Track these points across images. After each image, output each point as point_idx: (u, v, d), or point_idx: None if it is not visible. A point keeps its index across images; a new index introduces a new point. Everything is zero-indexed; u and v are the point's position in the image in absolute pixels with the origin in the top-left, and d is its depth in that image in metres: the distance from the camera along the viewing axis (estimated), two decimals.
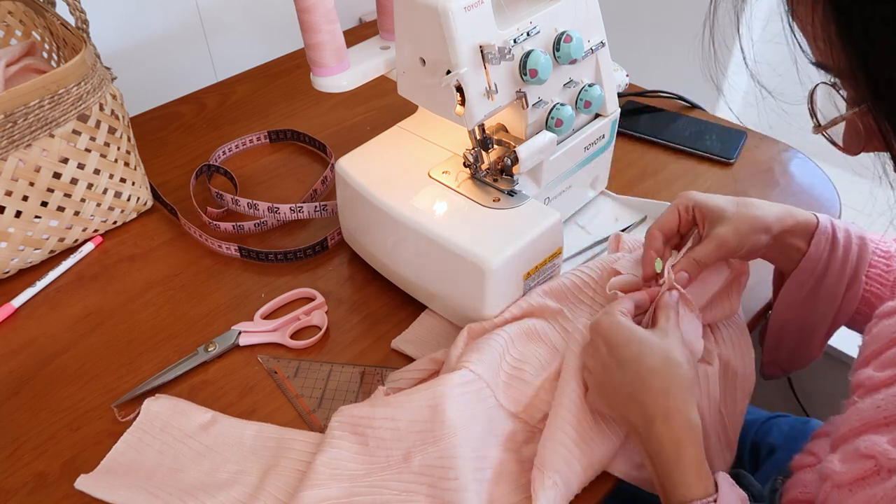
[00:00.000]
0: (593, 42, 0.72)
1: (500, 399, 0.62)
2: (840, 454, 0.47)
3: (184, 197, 0.90)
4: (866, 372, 0.50)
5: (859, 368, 0.52)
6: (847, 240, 0.63)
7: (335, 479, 0.57)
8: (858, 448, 0.45)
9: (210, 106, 1.08)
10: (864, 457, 0.44)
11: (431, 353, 0.68)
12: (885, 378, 0.48)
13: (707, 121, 1.00)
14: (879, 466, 0.43)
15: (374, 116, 1.05)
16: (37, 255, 0.80)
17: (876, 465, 0.43)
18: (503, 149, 0.72)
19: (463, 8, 0.61)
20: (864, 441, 0.45)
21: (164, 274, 0.81)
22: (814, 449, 0.61)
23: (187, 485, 0.60)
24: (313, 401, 0.67)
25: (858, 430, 0.47)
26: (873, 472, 0.43)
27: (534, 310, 0.67)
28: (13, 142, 0.70)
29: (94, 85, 0.75)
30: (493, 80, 0.65)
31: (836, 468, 0.46)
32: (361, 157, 0.76)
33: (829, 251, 0.62)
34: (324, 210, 0.86)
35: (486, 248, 0.65)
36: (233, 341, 0.72)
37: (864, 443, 0.45)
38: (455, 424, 0.59)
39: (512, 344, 0.64)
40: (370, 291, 0.78)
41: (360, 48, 0.78)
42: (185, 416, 0.65)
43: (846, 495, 0.44)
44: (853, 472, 0.44)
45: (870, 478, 0.43)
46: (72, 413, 0.67)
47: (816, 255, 0.62)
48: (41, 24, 0.87)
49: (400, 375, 0.68)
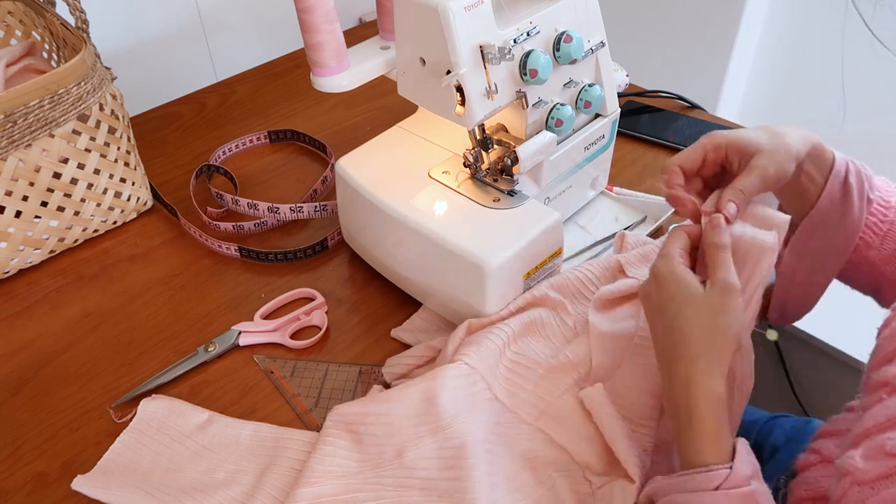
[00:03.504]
0: (593, 42, 0.72)
1: (496, 393, 0.62)
2: (863, 450, 0.46)
3: (184, 197, 0.90)
4: (892, 370, 0.49)
5: (883, 365, 0.50)
6: (860, 185, 0.60)
7: (330, 476, 0.58)
8: (884, 446, 0.44)
9: (210, 106, 1.08)
10: (890, 455, 0.44)
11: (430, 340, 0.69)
12: None
13: (707, 121, 1.00)
14: None
15: (374, 116, 1.05)
16: (37, 255, 0.80)
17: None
18: (503, 149, 0.72)
19: (463, 8, 0.61)
20: (889, 439, 0.44)
21: (164, 274, 0.81)
22: (819, 448, 0.61)
23: (184, 485, 0.60)
24: (310, 400, 0.67)
25: (884, 426, 0.46)
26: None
27: (535, 300, 0.67)
28: (13, 142, 0.70)
29: (94, 85, 0.75)
30: (493, 80, 0.65)
31: (859, 465, 0.45)
32: (361, 157, 0.76)
33: (841, 195, 0.60)
34: (324, 210, 0.86)
35: (486, 248, 0.65)
36: (233, 341, 0.72)
37: (889, 440, 0.44)
38: (450, 416, 0.59)
39: (513, 338, 0.65)
40: (370, 291, 0.78)
41: (360, 48, 0.78)
42: (182, 416, 0.65)
43: (868, 493, 0.43)
44: (877, 469, 0.44)
45: (894, 476, 0.43)
46: (72, 413, 0.67)
47: (829, 199, 0.59)
48: (41, 24, 0.87)
49: (397, 361, 0.69)
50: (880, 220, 0.61)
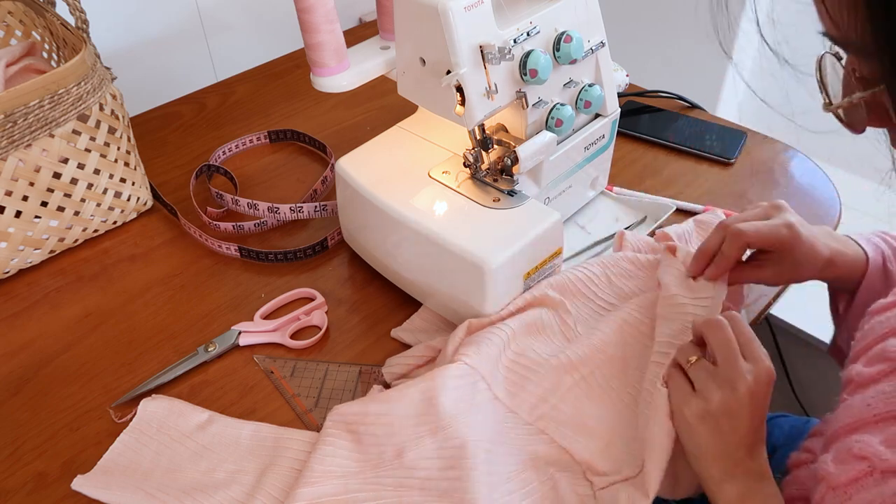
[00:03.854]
0: (593, 42, 0.72)
1: (496, 393, 0.62)
2: (833, 454, 0.47)
3: (184, 197, 0.90)
4: (856, 368, 0.50)
5: (849, 364, 0.51)
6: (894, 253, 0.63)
7: (330, 476, 0.58)
8: (851, 448, 0.45)
9: (210, 106, 1.08)
10: (858, 458, 0.44)
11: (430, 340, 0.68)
12: (874, 373, 0.48)
13: (707, 121, 1.00)
14: (873, 468, 0.43)
15: (374, 116, 1.05)
16: (37, 255, 0.80)
17: (870, 466, 0.43)
18: (503, 149, 0.72)
19: (463, 8, 0.61)
20: (856, 441, 0.45)
21: (164, 274, 0.81)
22: (810, 446, 0.61)
23: (185, 485, 0.60)
24: (310, 400, 0.67)
25: (850, 428, 0.46)
26: (867, 473, 0.43)
27: (535, 300, 0.67)
28: (13, 142, 0.70)
29: (94, 85, 0.75)
30: (493, 80, 0.65)
31: (830, 469, 0.45)
32: (361, 157, 0.76)
33: (882, 281, 0.62)
34: (324, 210, 0.86)
35: (486, 248, 0.65)
36: (233, 341, 0.72)
37: (856, 443, 0.45)
38: (450, 416, 0.59)
39: (513, 338, 0.64)
40: (370, 291, 0.78)
41: (360, 48, 0.78)
42: (182, 417, 0.65)
43: (842, 497, 0.44)
44: (847, 473, 0.44)
45: (863, 479, 0.43)
46: (72, 413, 0.67)
47: (870, 288, 0.62)
48: (41, 24, 0.87)
49: (397, 361, 0.69)
50: None
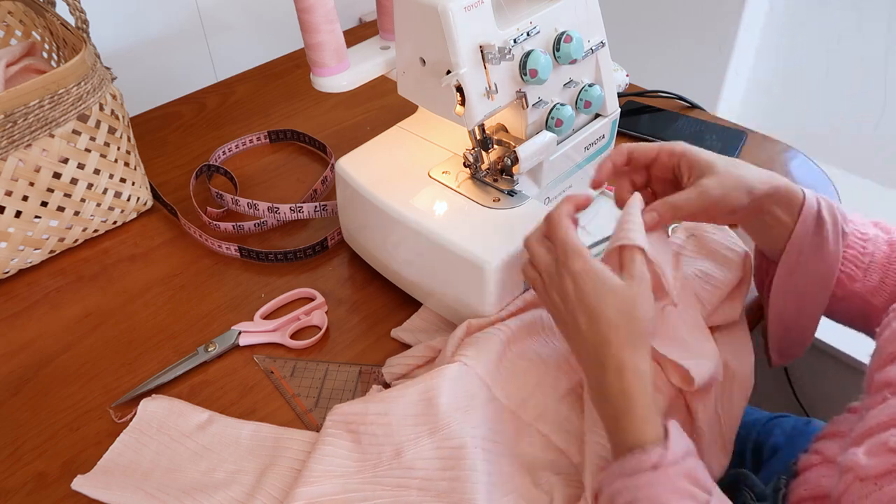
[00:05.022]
0: (593, 42, 0.72)
1: (495, 393, 0.62)
2: (866, 447, 0.46)
3: (184, 197, 0.90)
4: (895, 370, 0.49)
5: (886, 366, 0.51)
6: (833, 219, 0.61)
7: (329, 476, 0.58)
8: (887, 442, 0.45)
9: (210, 106, 1.09)
10: (893, 451, 0.44)
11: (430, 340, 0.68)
12: None
13: (707, 121, 1.00)
14: None
15: (374, 116, 1.05)
16: (37, 255, 0.80)
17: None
18: (503, 149, 0.72)
19: (463, 8, 0.61)
20: (893, 436, 0.45)
21: (164, 274, 0.81)
22: (820, 449, 0.61)
23: (185, 485, 0.60)
24: (310, 400, 0.67)
25: (887, 424, 0.46)
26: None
27: (535, 300, 0.67)
28: (13, 142, 0.71)
29: (94, 85, 0.75)
30: (493, 80, 0.65)
31: (862, 461, 0.45)
32: (361, 157, 0.76)
33: (815, 228, 0.61)
34: (324, 210, 0.86)
35: (485, 248, 0.65)
36: (233, 341, 0.72)
37: (893, 438, 0.45)
38: (449, 416, 0.59)
39: (513, 339, 0.64)
40: (370, 291, 0.78)
41: (360, 48, 0.78)
42: (182, 416, 0.65)
43: (871, 489, 0.44)
44: (881, 465, 0.44)
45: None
46: (72, 413, 0.67)
47: (803, 233, 0.61)
48: (41, 24, 0.88)
49: (397, 361, 0.69)
50: (860, 253, 0.62)
